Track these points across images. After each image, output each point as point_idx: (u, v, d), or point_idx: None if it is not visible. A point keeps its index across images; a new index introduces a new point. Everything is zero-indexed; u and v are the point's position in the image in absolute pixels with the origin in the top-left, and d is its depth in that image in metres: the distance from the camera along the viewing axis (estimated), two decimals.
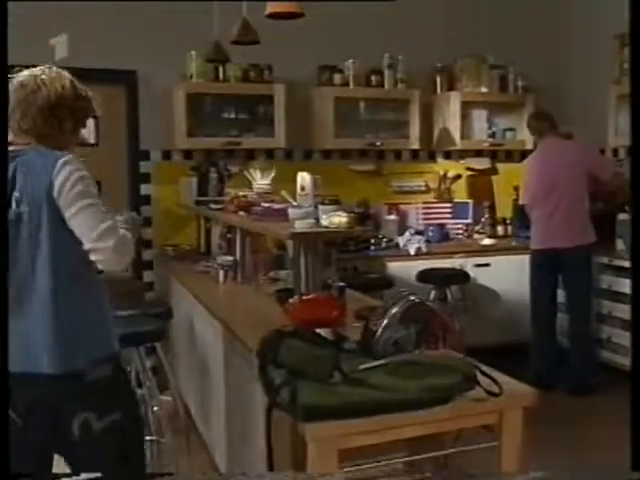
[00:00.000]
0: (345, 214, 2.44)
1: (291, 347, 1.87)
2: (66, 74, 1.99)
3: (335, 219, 2.42)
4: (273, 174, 3.41)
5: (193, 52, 4.39)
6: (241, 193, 3.35)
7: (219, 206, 3.80)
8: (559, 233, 4.24)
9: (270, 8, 2.76)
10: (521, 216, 5.20)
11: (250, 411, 2.40)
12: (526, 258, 4.76)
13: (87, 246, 1.82)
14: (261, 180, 3.37)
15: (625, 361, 4.34)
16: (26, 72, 1.94)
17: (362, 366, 1.83)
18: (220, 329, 2.83)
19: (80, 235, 1.83)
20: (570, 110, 5.43)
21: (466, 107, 5.06)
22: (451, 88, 5.08)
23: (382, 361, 1.83)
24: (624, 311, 4.37)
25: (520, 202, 4.72)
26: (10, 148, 1.82)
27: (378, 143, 4.90)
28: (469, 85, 5.04)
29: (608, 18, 4.87)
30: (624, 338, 4.37)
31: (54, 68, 1.98)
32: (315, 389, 1.73)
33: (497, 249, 4.91)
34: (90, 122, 4.86)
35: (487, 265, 4.79)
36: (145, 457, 2.26)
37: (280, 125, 4.58)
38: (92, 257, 1.83)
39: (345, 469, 1.72)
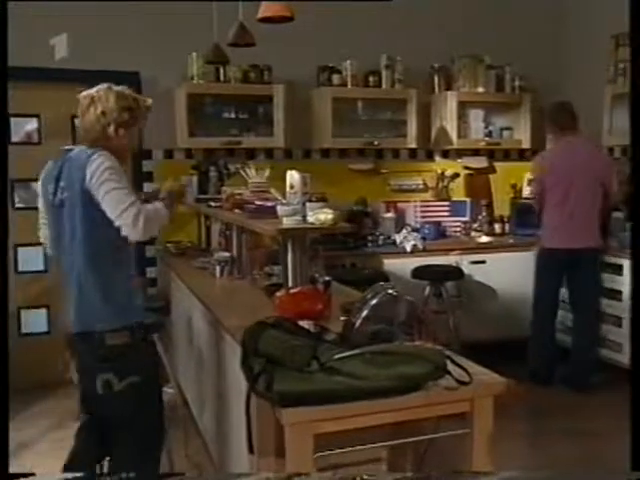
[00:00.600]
0: (331, 211, 2.53)
1: (271, 337, 1.97)
2: (116, 90, 2.39)
3: (321, 216, 2.51)
4: (268, 172, 3.51)
5: (194, 54, 4.50)
6: (236, 191, 3.44)
7: (218, 204, 3.90)
8: (578, 234, 4.28)
9: (261, 12, 2.86)
10: (518, 214, 5.28)
11: (238, 400, 2.49)
12: (523, 255, 4.86)
13: (115, 223, 2.19)
14: (256, 178, 3.46)
15: (618, 357, 4.42)
16: (86, 91, 2.40)
17: (337, 355, 1.92)
18: (212, 321, 2.94)
19: (109, 215, 2.20)
20: None
21: (463, 107, 5.14)
22: (448, 88, 5.15)
23: (356, 351, 1.92)
24: (618, 308, 4.43)
25: (532, 195, 4.68)
26: (65, 147, 2.43)
27: (376, 142, 4.98)
28: (466, 85, 5.11)
29: (604, 18, 4.94)
30: (617, 335, 4.43)
31: (106, 85, 2.40)
32: (291, 377, 1.82)
33: (494, 246, 4.98)
34: None
35: (483, 262, 4.87)
36: (162, 418, 2.54)
37: (279, 125, 4.68)
38: (122, 232, 2.20)
39: (319, 454, 1.81)
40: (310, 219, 2.54)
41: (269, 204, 2.97)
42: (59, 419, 4.02)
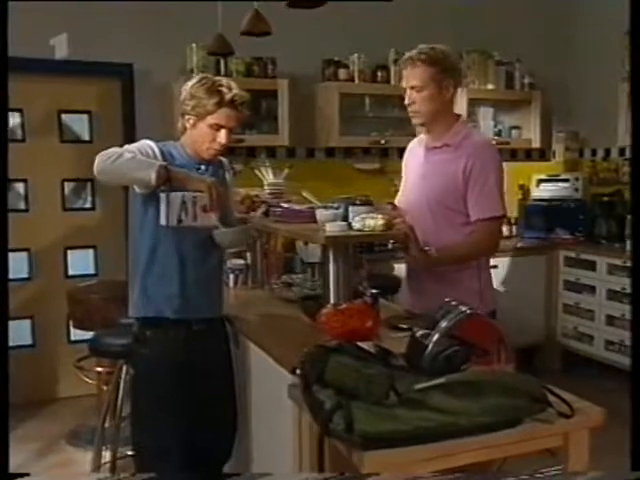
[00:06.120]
0: (380, 216, 2.27)
1: (339, 364, 1.70)
2: (195, 79, 2.35)
3: (370, 222, 2.24)
4: (286, 172, 3.24)
5: (194, 45, 4.19)
6: (253, 193, 3.15)
7: None
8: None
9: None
10: (527, 216, 5.12)
11: (275, 427, 2.22)
12: (532, 259, 4.72)
13: None
14: (273, 179, 3.18)
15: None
16: None
17: (418, 386, 1.65)
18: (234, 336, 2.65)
19: None
20: (577, 108, 5.35)
21: (473, 104, 4.94)
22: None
23: (441, 380, 1.65)
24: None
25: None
26: None
27: (382, 141, 4.74)
28: (476, 81, 4.92)
29: (617, 14, 4.76)
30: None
31: (189, 82, 2.36)
32: (372, 413, 1.55)
33: (502, 250, 4.78)
34: (84, 117, 4.61)
35: (494, 267, 4.66)
36: (157, 425, 2.34)
37: (284, 122, 4.40)
38: None
39: None
40: (357, 225, 2.27)
41: (298, 207, 2.69)
42: (48, 443, 3.67)
